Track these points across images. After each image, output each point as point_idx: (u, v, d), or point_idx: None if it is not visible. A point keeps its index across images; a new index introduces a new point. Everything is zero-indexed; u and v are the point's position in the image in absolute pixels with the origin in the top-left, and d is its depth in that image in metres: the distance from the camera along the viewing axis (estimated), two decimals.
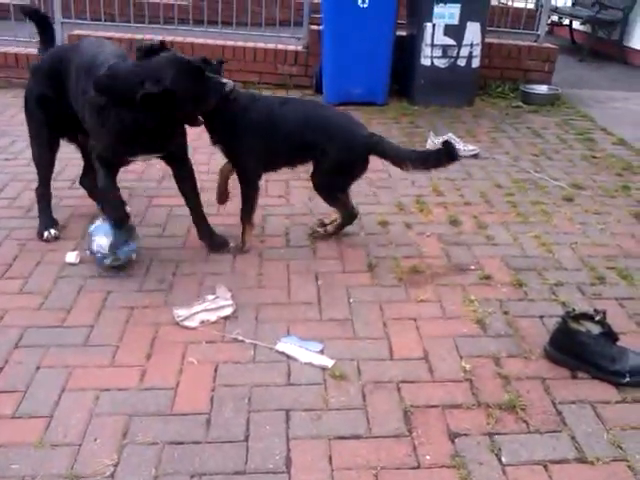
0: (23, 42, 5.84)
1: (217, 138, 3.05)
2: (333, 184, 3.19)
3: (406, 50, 5.81)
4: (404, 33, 6.00)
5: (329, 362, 2.40)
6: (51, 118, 3.11)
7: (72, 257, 3.03)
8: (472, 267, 3.08)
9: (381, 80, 5.68)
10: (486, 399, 2.24)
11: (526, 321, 2.68)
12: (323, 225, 3.36)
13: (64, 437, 2.03)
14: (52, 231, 3.21)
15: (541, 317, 2.71)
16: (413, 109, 5.67)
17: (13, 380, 2.26)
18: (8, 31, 5.94)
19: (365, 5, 5.46)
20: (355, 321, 2.65)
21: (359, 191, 3.82)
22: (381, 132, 4.89)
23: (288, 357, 2.42)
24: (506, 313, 2.73)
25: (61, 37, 5.96)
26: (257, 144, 3.01)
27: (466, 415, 2.17)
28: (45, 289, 2.78)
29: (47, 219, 3.28)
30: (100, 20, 6.24)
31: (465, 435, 2.09)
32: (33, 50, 5.81)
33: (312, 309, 2.73)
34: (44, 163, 3.25)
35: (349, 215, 3.28)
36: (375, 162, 4.27)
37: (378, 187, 3.96)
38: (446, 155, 2.97)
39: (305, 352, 2.45)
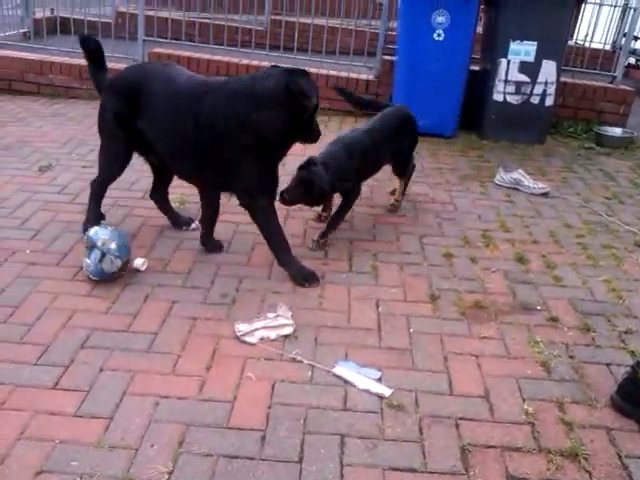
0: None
1: None
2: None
3: (478, 84, 5.79)
4: (477, 67, 6.00)
5: (387, 391, 2.37)
6: (123, 134, 3.15)
7: (139, 263, 3.11)
8: (538, 307, 3.00)
9: (451, 113, 5.66)
10: (547, 444, 2.16)
11: (593, 367, 2.59)
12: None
13: (122, 440, 2.07)
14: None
15: (608, 365, 2.61)
16: (482, 143, 5.63)
17: (77, 379, 2.32)
18: None
19: (441, 38, 5.49)
20: (415, 352, 2.61)
21: (424, 223, 3.82)
22: (449, 164, 4.94)
23: (345, 382, 2.41)
24: (572, 357, 2.64)
25: (142, 53, 6.22)
26: None
27: (526, 459, 2.10)
28: (113, 294, 2.86)
29: (93, 215, 3.36)
30: (180, 39, 6.46)
31: (524, 479, 2.02)
32: (118, 65, 6.09)
33: (371, 336, 2.71)
34: (107, 173, 3.35)
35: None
36: (442, 195, 4.29)
37: (443, 219, 3.92)
38: None
39: (363, 378, 2.43)
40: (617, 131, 6.04)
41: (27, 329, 2.58)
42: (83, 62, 5.92)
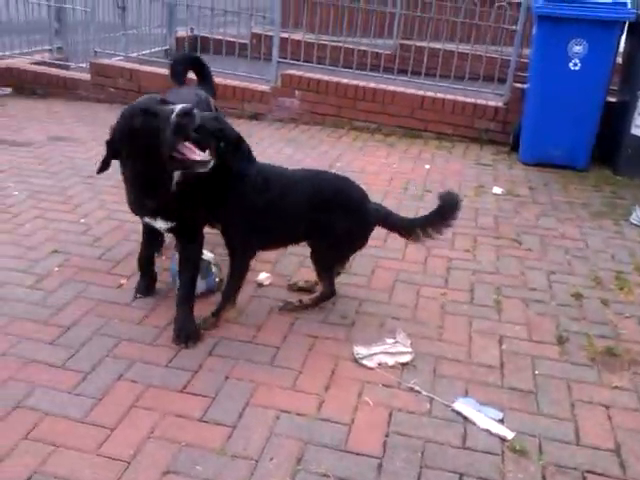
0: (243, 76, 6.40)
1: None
2: (336, 257, 2.97)
3: (615, 117, 5.50)
4: (614, 99, 5.71)
5: (509, 433, 2.28)
6: None
7: (263, 278, 3.21)
8: None
9: (584, 145, 5.42)
10: None
11: None
12: (294, 289, 3.15)
13: (244, 450, 2.13)
14: None
15: None
16: (616, 179, 5.33)
17: (204, 385, 2.42)
18: (229, 65, 6.54)
19: (577, 68, 5.28)
20: (539, 396, 2.50)
21: (552, 259, 3.67)
22: (580, 199, 4.71)
23: (465, 419, 2.34)
24: None
25: (275, 75, 6.45)
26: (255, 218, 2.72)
27: None
28: (241, 305, 2.96)
29: None
30: (311, 62, 6.64)
31: None
32: (252, 85, 6.38)
33: (493, 373, 2.62)
34: None
35: (330, 292, 2.98)
36: (572, 230, 4.10)
37: (573, 256, 3.74)
38: (449, 207, 2.85)
39: (483, 417, 2.35)
40: None
41: (159, 332, 2.74)
42: (219, 80, 6.28)
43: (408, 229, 2.93)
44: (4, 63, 6.85)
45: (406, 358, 2.68)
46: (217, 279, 3.08)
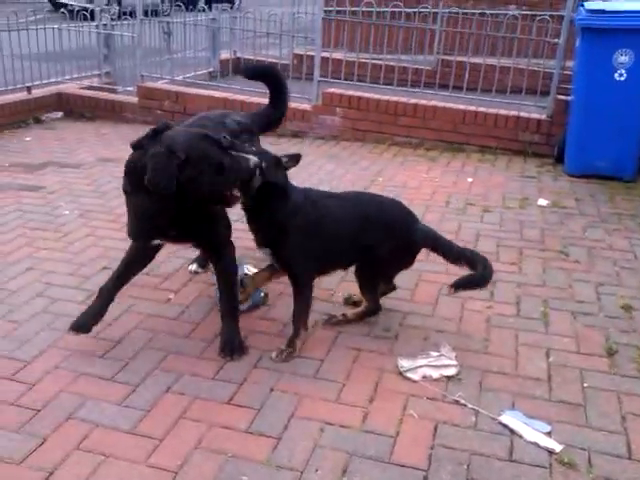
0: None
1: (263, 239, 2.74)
2: (381, 276, 2.99)
3: None
4: None
5: (557, 446, 2.24)
6: None
7: None
8: None
9: (631, 155, 5.30)
10: None
11: None
12: (349, 303, 3.14)
13: (289, 461, 2.14)
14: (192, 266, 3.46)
15: None
16: None
17: (249, 397, 2.45)
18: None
19: (622, 78, 5.20)
20: (588, 408, 2.45)
21: (600, 271, 3.59)
22: (628, 210, 4.61)
23: (511, 432, 2.31)
24: None
25: (316, 93, 6.54)
26: (310, 244, 2.72)
27: None
28: (283, 319, 2.99)
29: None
30: (352, 80, 6.71)
31: None
32: (294, 104, 6.46)
33: (540, 386, 2.58)
34: None
35: (375, 308, 2.99)
36: (620, 242, 4.01)
37: (622, 267, 3.65)
38: (482, 277, 2.80)
39: (531, 430, 2.32)
40: None
41: (206, 345, 2.79)
42: (262, 100, 6.39)
43: (454, 258, 2.89)
44: (55, 89, 7.13)
45: (451, 371, 2.66)
46: (262, 294, 3.13)
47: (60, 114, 7.00)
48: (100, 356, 2.70)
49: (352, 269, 2.96)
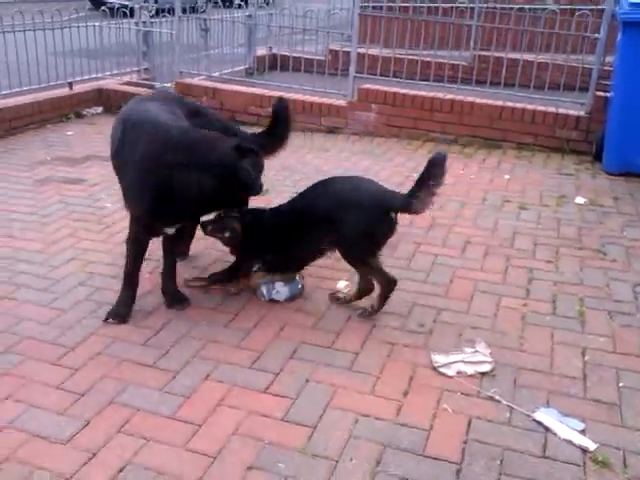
0: (320, 92, 6.54)
1: None
2: (361, 251, 2.97)
3: None
4: None
5: (591, 445, 2.24)
6: None
7: (342, 286, 3.28)
8: None
9: None
10: None
11: None
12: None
13: (324, 450, 2.19)
14: None
15: None
16: None
17: (285, 387, 2.51)
18: (307, 81, 6.71)
19: None
20: (624, 408, 2.43)
21: (638, 270, 3.56)
22: None
23: (546, 429, 2.31)
24: None
25: (352, 89, 6.55)
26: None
27: None
28: (319, 311, 3.04)
29: None
30: (387, 76, 6.71)
31: None
32: (330, 100, 6.50)
33: (575, 385, 2.57)
34: None
35: (387, 281, 2.99)
36: None
37: None
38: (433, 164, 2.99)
39: (565, 428, 2.32)
40: None
41: (245, 334, 2.85)
42: (297, 96, 6.45)
43: (406, 205, 2.89)
44: (96, 84, 7.29)
45: (486, 367, 2.67)
46: (300, 285, 3.19)
47: (100, 109, 7.14)
48: (141, 344, 2.78)
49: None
